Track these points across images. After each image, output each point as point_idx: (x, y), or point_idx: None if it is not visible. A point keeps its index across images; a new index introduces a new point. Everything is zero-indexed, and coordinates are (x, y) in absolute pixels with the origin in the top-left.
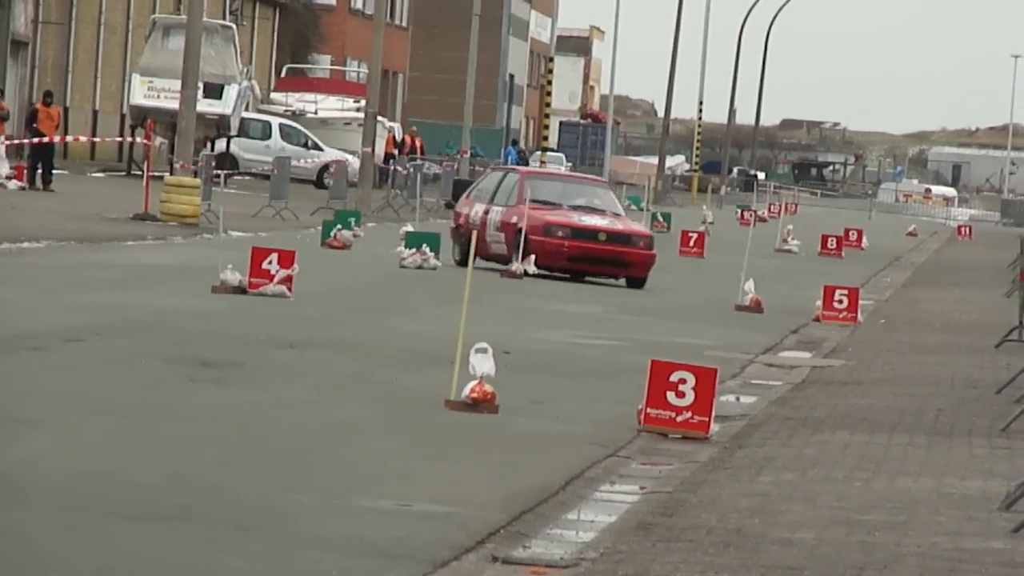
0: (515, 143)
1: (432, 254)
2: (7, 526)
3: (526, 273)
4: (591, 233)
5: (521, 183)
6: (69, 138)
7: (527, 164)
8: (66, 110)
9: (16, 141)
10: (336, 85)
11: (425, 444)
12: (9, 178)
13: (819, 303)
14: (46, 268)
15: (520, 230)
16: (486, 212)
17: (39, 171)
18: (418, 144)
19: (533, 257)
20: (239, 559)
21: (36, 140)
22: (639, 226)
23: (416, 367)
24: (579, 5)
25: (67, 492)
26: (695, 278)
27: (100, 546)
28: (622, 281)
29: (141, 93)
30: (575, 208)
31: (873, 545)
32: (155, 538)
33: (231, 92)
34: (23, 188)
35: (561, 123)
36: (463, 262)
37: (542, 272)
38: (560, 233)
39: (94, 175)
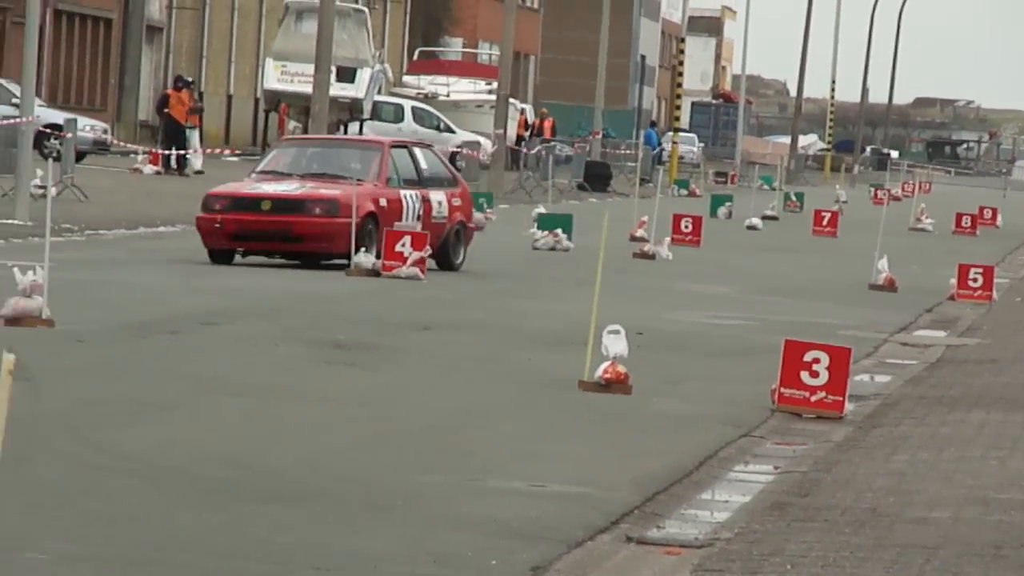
0: (653, 124)
1: (564, 236)
2: (143, 509)
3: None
4: (252, 202)
5: (268, 152)
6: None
7: (662, 147)
8: (200, 95)
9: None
10: (468, 68)
11: (558, 425)
12: (166, 168)
13: (953, 281)
14: (182, 252)
15: None
16: None
17: (174, 155)
18: (547, 125)
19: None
20: (373, 541)
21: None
22: (340, 191)
23: (549, 348)
24: None
25: (202, 475)
26: (828, 257)
27: (234, 529)
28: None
29: (275, 77)
30: (302, 177)
31: (1010, 524)
32: (289, 520)
33: (364, 75)
34: (158, 173)
35: (693, 104)
36: (213, 256)
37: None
38: (217, 206)
39: (228, 159)
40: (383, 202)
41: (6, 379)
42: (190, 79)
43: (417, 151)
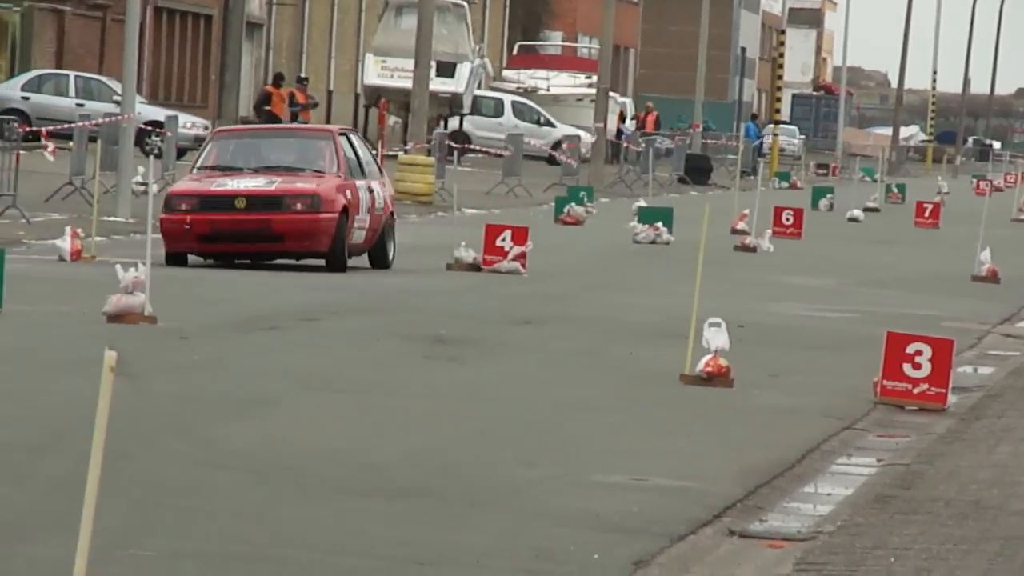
0: (754, 117)
1: (665, 229)
2: (247, 504)
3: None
4: (225, 200)
5: (205, 145)
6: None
7: (761, 138)
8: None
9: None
10: (568, 61)
11: (660, 419)
12: None
13: None
14: None
15: None
16: None
17: None
18: (650, 119)
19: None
20: (474, 535)
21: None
22: (315, 184)
23: (650, 342)
24: None
25: (304, 470)
26: (930, 249)
27: (336, 523)
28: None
29: (375, 73)
30: (255, 171)
31: None
32: (390, 515)
33: (464, 70)
34: None
35: (794, 96)
36: (169, 259)
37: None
38: (184, 206)
39: None
40: (348, 195)
41: (108, 376)
42: (304, 76)
43: (354, 138)
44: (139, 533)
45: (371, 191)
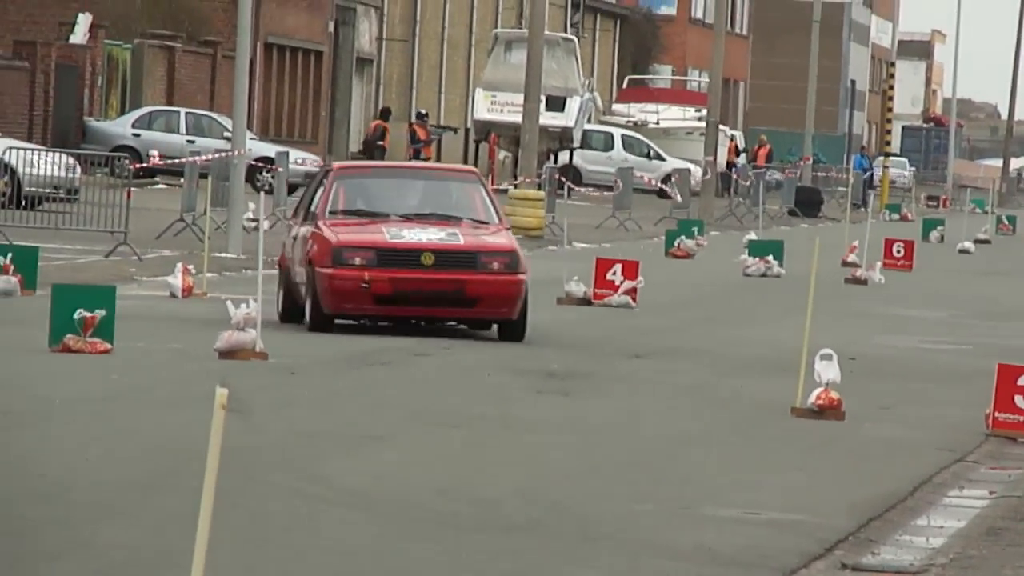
0: (863, 149)
1: (776, 262)
2: (359, 541)
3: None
4: (409, 256)
5: (329, 185)
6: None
7: (872, 171)
8: (411, 125)
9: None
10: (677, 95)
11: (772, 452)
12: None
13: None
14: None
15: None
16: (294, 238)
17: None
18: (762, 153)
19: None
20: (587, 570)
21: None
22: (503, 238)
23: (761, 375)
24: (920, 9)
25: (417, 506)
26: None
27: (448, 559)
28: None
29: (484, 107)
30: (407, 219)
31: None
32: (503, 550)
33: (573, 104)
34: None
35: (904, 128)
36: (284, 317)
37: (345, 324)
38: (357, 260)
39: None
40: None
41: (219, 413)
42: (424, 112)
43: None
44: (251, 570)
45: None
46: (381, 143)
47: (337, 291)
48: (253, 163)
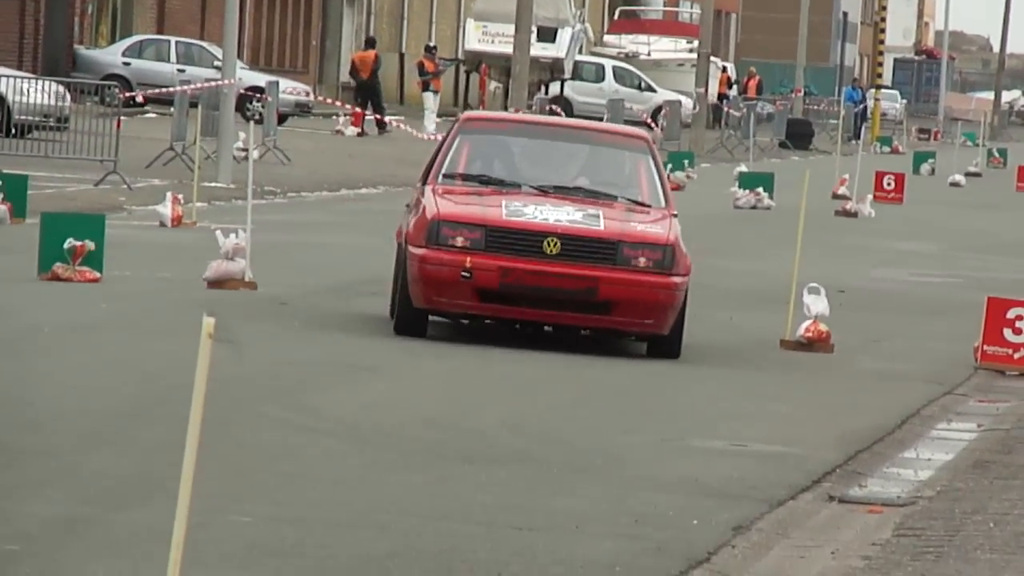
0: (855, 82)
1: (766, 194)
2: (347, 470)
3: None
4: (528, 239)
5: (450, 140)
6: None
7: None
8: (401, 56)
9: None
10: (669, 26)
11: (760, 384)
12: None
13: None
14: (382, 213)
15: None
16: (407, 207)
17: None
18: (752, 84)
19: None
20: (575, 500)
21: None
22: (660, 228)
23: (750, 307)
24: None
25: (405, 436)
26: None
27: (437, 489)
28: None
29: (475, 38)
30: (542, 192)
31: None
32: (491, 480)
33: (565, 35)
34: (360, 134)
35: (895, 60)
36: (400, 326)
37: (443, 319)
38: (460, 240)
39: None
40: (687, 246)
41: (207, 342)
42: (433, 44)
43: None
44: (238, 498)
45: None
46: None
47: (429, 279)
48: (243, 92)
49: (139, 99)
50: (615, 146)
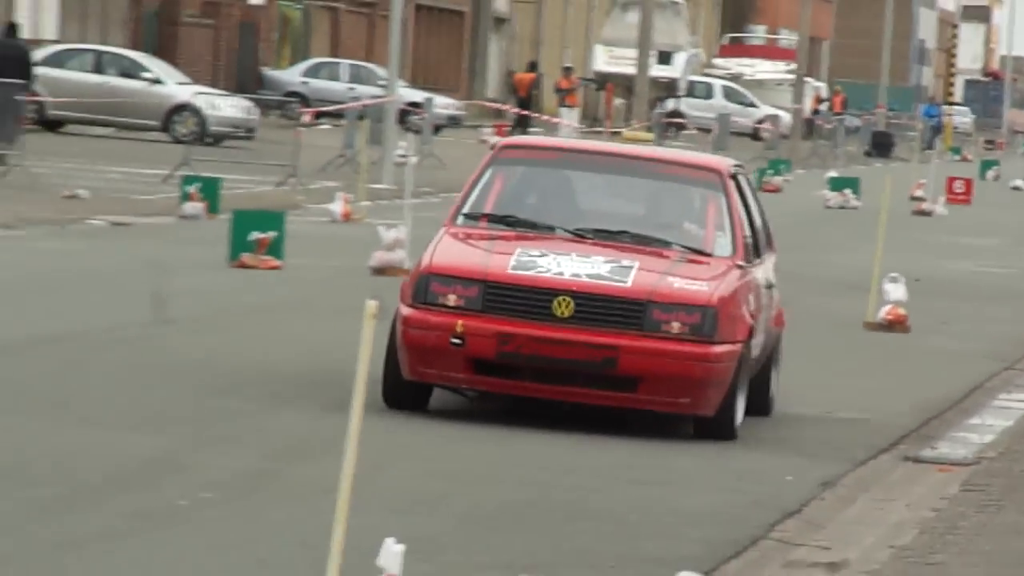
0: (931, 100)
1: (852, 196)
2: (493, 431)
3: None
4: (536, 299)
5: (480, 171)
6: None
7: (939, 118)
8: (539, 76)
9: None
10: (770, 51)
11: (846, 360)
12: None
13: None
14: None
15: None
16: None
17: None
18: (838, 100)
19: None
20: (684, 460)
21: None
22: (705, 285)
23: (838, 293)
24: None
25: (543, 403)
26: None
27: (568, 448)
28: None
29: (603, 60)
30: (578, 238)
31: None
32: (617, 443)
33: (680, 59)
34: None
35: (966, 81)
36: (393, 394)
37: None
38: (452, 299)
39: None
40: (751, 302)
41: (370, 322)
42: (570, 65)
43: (743, 182)
44: (396, 456)
45: (768, 285)
46: (535, 91)
47: (415, 346)
48: (404, 107)
49: (305, 118)
50: (680, 180)
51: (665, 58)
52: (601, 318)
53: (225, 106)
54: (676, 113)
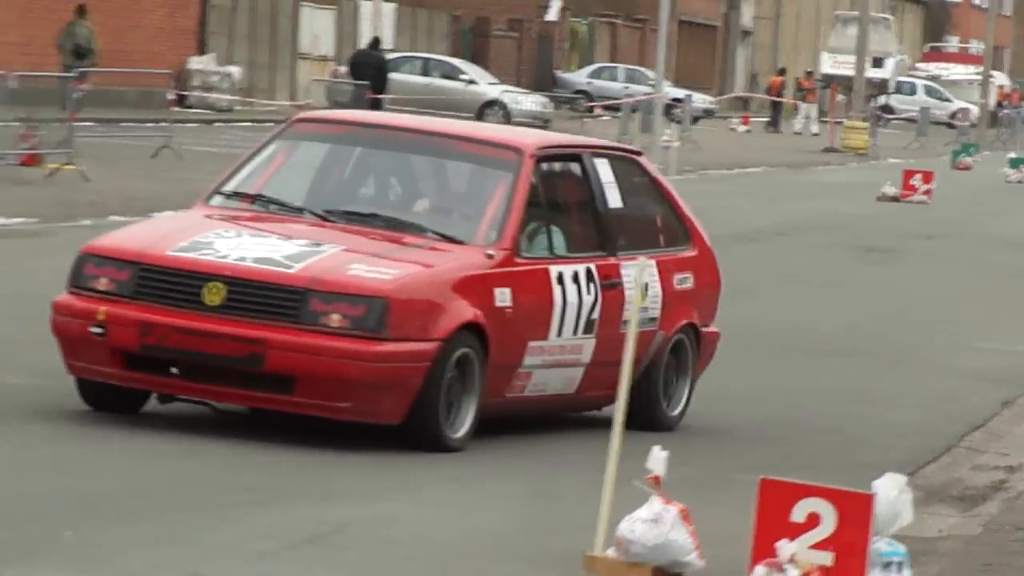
0: None
1: None
2: (729, 363)
3: None
4: (187, 283)
5: (257, 149)
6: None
7: None
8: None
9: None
10: (962, 57)
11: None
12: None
13: None
14: (762, 186)
15: None
16: None
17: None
18: (1015, 96)
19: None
20: (891, 383)
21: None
22: (398, 268)
23: (1019, 249)
24: None
25: (777, 338)
26: None
27: (793, 374)
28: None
29: (829, 64)
30: (323, 221)
31: None
32: (832, 368)
33: (889, 63)
34: (748, 131)
35: None
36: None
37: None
38: (103, 283)
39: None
40: (501, 299)
41: (636, 311)
42: (810, 70)
43: (599, 164)
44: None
45: (613, 285)
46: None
47: (61, 335)
48: (668, 102)
49: (596, 112)
50: (473, 159)
51: (878, 63)
52: (253, 308)
53: (526, 101)
54: (887, 107)
